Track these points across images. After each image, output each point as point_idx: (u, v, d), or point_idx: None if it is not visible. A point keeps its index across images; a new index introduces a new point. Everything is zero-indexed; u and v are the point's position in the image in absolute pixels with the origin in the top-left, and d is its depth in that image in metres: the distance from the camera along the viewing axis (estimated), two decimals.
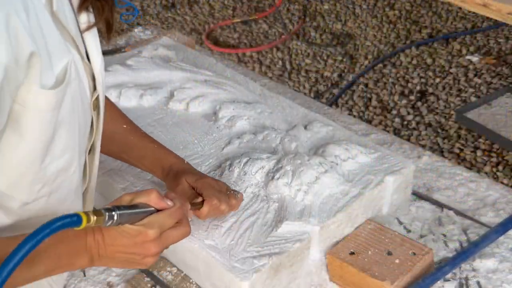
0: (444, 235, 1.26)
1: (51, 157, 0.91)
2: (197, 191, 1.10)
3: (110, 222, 0.82)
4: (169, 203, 0.92)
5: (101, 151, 1.29)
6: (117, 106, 1.27)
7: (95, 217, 0.79)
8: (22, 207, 0.93)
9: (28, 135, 0.86)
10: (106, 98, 1.24)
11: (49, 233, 0.71)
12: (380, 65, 3.40)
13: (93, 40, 0.98)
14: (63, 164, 0.94)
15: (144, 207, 0.89)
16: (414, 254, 1.13)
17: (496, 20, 2.99)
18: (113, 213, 0.83)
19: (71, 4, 0.93)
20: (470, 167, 2.61)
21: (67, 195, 1.00)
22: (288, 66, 3.49)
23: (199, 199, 1.07)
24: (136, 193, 0.91)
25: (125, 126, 1.23)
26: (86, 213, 0.77)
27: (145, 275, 1.20)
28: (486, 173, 2.57)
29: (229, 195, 1.12)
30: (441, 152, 2.72)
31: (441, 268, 1.15)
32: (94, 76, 0.99)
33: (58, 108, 0.88)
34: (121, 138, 1.21)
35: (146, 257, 0.90)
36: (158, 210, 0.91)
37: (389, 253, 1.13)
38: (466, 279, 1.17)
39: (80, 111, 0.96)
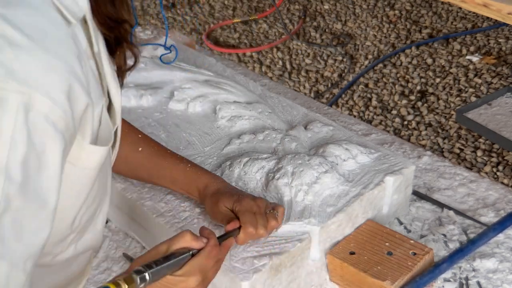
0: (444, 235, 1.26)
1: (85, 207, 0.86)
2: (235, 214, 1.08)
3: (143, 284, 0.80)
4: (204, 240, 0.91)
5: (131, 177, 1.25)
6: (138, 130, 1.21)
7: (126, 286, 0.77)
8: (52, 260, 0.88)
9: (69, 194, 0.79)
10: (126, 123, 1.18)
11: None
12: (380, 65, 3.40)
13: (110, 71, 0.88)
14: (92, 211, 0.90)
15: (180, 252, 0.88)
16: (415, 254, 1.13)
17: (496, 20, 2.99)
18: (145, 274, 0.80)
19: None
20: (470, 167, 2.61)
21: (92, 238, 0.95)
22: (288, 66, 3.49)
23: (236, 224, 1.06)
24: (170, 240, 0.89)
25: (151, 149, 1.18)
26: (116, 283, 0.76)
27: None
28: (486, 173, 2.57)
29: (268, 215, 1.09)
30: (441, 152, 2.72)
31: (438, 266, 1.15)
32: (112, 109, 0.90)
33: (104, 161, 0.82)
34: (148, 164, 1.18)
35: None
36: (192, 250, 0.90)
37: (389, 253, 1.13)
38: (466, 279, 1.17)
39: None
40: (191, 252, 0.89)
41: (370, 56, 3.50)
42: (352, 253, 1.14)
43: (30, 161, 0.65)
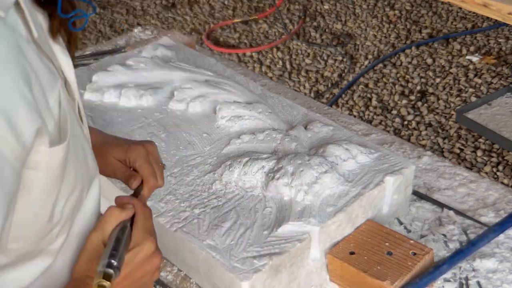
0: (444, 235, 1.26)
1: (64, 200, 0.83)
2: (129, 165, 1.02)
3: (118, 272, 0.79)
4: (130, 207, 0.88)
5: None
6: None
7: (108, 283, 0.77)
8: (47, 249, 0.85)
9: (37, 197, 0.77)
10: None
11: None
12: (380, 65, 3.40)
13: (59, 47, 0.84)
14: (75, 199, 0.86)
15: (120, 229, 0.85)
16: (414, 254, 1.13)
17: (496, 20, 2.99)
18: (112, 261, 0.79)
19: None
20: (470, 167, 2.61)
21: (84, 218, 0.92)
22: (288, 66, 3.49)
23: (138, 181, 0.99)
24: (100, 225, 0.86)
25: None
26: (101, 286, 0.76)
27: None
28: (486, 173, 2.57)
29: (162, 166, 1.04)
30: (441, 152, 2.72)
31: (438, 267, 1.15)
32: (68, 85, 0.87)
33: (66, 156, 0.79)
34: None
35: (156, 271, 0.87)
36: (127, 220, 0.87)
37: (389, 253, 1.13)
38: (466, 279, 1.17)
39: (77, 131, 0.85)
40: (128, 224, 0.86)
41: (370, 56, 3.50)
42: (352, 253, 1.14)
43: None
